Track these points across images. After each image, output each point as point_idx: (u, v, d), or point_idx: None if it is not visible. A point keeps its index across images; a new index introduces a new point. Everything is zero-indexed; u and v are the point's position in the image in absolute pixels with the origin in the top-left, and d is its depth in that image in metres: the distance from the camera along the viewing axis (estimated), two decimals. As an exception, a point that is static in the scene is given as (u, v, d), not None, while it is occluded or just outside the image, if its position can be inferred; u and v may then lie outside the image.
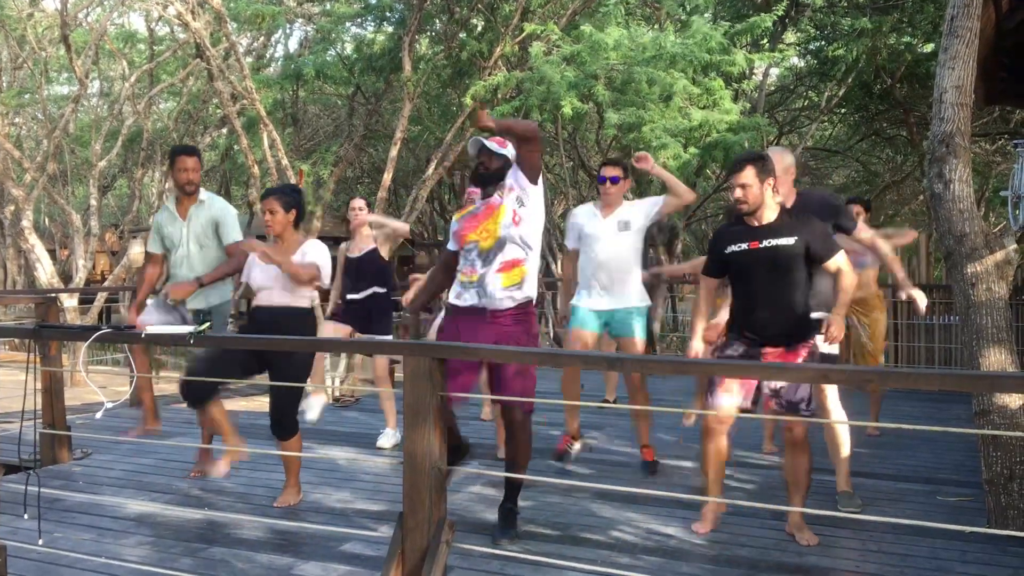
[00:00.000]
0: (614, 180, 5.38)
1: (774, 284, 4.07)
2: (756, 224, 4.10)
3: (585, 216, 5.52)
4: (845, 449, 4.67)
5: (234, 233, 5.32)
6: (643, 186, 12.61)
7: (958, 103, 4.30)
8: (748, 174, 4.02)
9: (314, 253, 4.68)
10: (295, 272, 4.55)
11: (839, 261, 4.12)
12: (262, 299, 4.74)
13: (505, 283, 4.14)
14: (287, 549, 4.07)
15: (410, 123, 14.31)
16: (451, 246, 4.41)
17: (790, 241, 4.02)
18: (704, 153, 11.20)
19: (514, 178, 4.23)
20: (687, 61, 10.74)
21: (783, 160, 4.51)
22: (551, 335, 13.95)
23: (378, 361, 6.50)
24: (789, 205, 4.45)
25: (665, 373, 6.52)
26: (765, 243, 4.05)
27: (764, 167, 4.04)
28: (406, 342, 3.79)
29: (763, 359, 4.09)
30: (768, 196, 4.06)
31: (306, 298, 4.74)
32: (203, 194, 5.43)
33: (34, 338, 4.44)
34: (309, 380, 6.10)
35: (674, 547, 4.10)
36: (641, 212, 5.41)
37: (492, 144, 4.29)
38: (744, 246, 4.11)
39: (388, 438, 6.26)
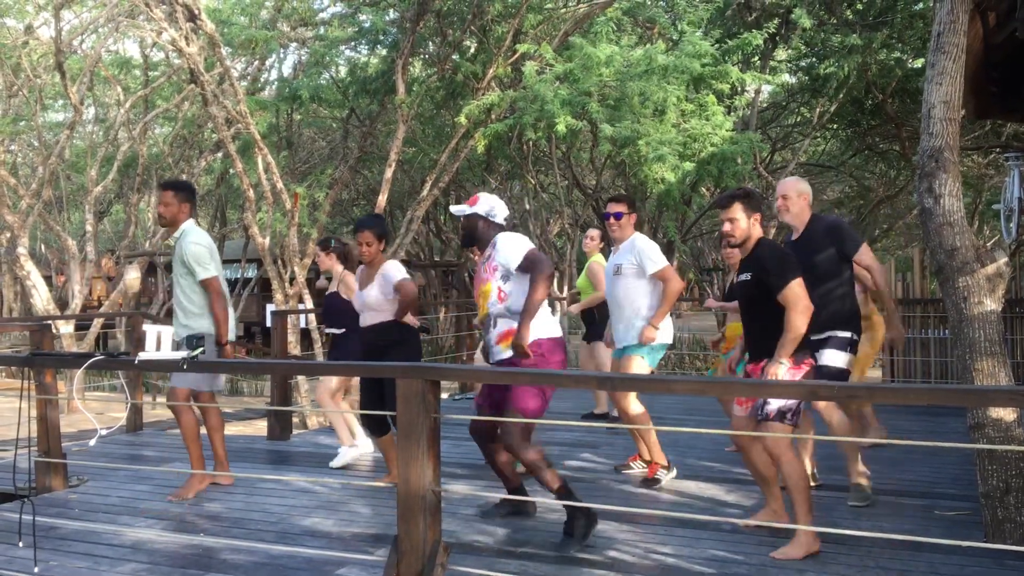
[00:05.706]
0: (617, 216, 5.49)
1: (745, 313, 4.43)
2: (742, 257, 4.37)
3: None
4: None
5: (201, 270, 5.36)
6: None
7: (946, 118, 4.33)
8: (736, 209, 4.25)
9: (394, 271, 5.25)
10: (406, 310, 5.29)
11: (786, 295, 4.09)
12: (362, 321, 5.39)
13: (505, 351, 4.52)
14: (283, 574, 4.05)
15: (404, 144, 14.34)
16: None
17: (747, 277, 4.28)
18: (699, 168, 11.20)
19: (502, 259, 4.49)
20: (679, 72, 10.77)
21: (798, 186, 4.99)
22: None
23: (320, 383, 6.52)
24: (803, 228, 4.89)
25: (652, 392, 6.51)
26: (740, 278, 4.37)
27: (751, 203, 4.27)
28: (397, 364, 3.79)
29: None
30: (754, 230, 4.28)
31: (390, 312, 5.28)
32: (181, 229, 5.47)
33: (28, 366, 4.44)
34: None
35: (671, 565, 4.09)
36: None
37: (456, 209, 4.73)
38: (735, 278, 4.50)
39: (341, 457, 6.34)
